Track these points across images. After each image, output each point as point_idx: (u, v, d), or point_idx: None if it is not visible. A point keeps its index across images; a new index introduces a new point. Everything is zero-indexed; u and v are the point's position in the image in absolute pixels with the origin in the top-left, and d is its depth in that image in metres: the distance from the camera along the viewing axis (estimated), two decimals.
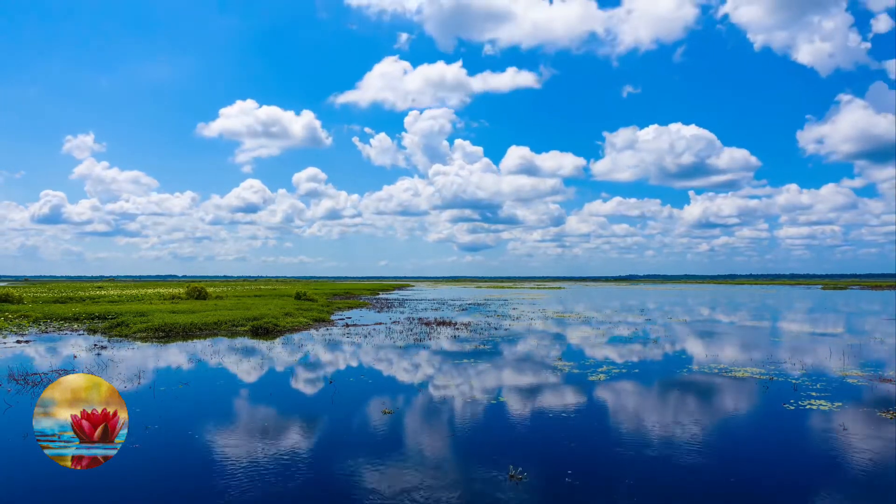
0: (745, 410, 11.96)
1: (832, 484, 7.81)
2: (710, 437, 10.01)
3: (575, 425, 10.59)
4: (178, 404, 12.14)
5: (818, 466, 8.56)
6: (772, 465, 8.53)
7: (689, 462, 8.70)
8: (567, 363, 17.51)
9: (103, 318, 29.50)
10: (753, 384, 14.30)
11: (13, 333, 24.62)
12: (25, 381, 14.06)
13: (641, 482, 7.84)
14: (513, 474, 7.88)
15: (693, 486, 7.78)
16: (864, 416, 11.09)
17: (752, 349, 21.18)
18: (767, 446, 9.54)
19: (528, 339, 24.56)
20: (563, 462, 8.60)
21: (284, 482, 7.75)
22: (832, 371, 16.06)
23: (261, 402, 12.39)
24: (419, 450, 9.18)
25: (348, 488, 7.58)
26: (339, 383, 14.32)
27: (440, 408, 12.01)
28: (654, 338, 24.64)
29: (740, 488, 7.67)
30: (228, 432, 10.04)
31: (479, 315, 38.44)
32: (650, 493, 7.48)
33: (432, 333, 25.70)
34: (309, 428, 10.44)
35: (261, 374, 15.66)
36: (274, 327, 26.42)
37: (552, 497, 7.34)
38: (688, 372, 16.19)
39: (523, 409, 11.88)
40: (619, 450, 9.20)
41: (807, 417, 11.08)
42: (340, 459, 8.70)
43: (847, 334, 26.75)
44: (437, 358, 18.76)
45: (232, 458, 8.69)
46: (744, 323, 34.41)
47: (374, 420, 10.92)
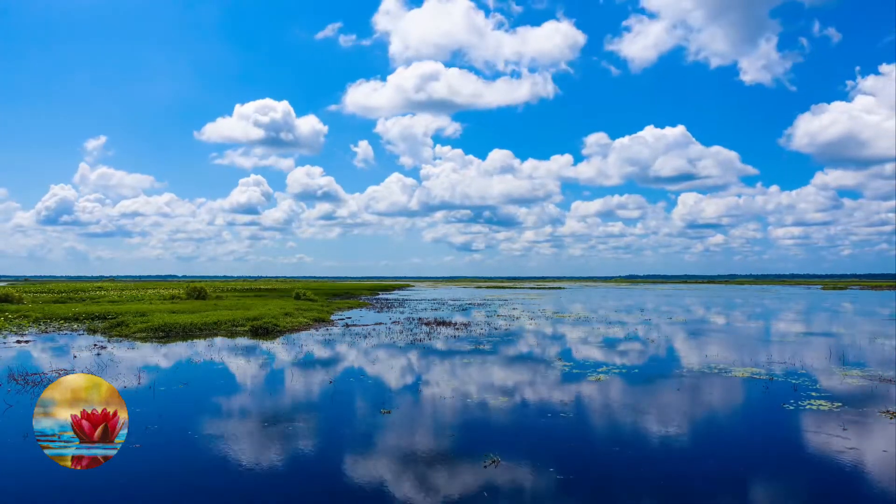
0: (745, 410, 11.96)
1: (832, 484, 7.81)
2: (710, 437, 10.02)
3: (575, 425, 10.59)
4: (178, 404, 12.14)
5: (818, 466, 8.56)
6: (771, 466, 8.53)
7: (688, 462, 8.71)
8: (566, 363, 17.52)
9: (103, 318, 29.50)
10: (753, 384, 14.30)
11: (13, 333, 24.61)
12: (25, 381, 14.06)
13: (641, 483, 7.85)
14: (494, 459, 7.88)
15: (693, 486, 7.78)
16: (865, 417, 11.09)
17: (752, 349, 21.19)
18: (767, 446, 9.54)
19: (527, 338, 24.57)
20: (564, 462, 8.60)
21: (284, 481, 7.75)
22: (832, 371, 16.06)
23: (260, 402, 12.39)
24: (418, 450, 9.18)
25: (348, 488, 7.58)
26: (339, 383, 14.32)
27: (439, 408, 12.01)
28: (652, 337, 24.64)
29: (740, 488, 7.68)
30: (228, 432, 10.04)
31: (479, 315, 38.43)
32: (649, 493, 7.49)
33: (432, 333, 25.70)
34: (308, 428, 10.44)
35: (260, 374, 15.66)
36: (274, 327, 26.41)
37: (552, 497, 7.35)
38: (687, 372, 16.19)
39: (523, 409, 11.88)
40: (618, 449, 9.19)
41: (807, 417, 11.08)
42: (340, 459, 8.70)
43: (847, 334, 26.75)
44: (437, 358, 18.76)
45: (232, 458, 8.69)
46: (743, 323, 34.41)
47: (373, 420, 10.92)
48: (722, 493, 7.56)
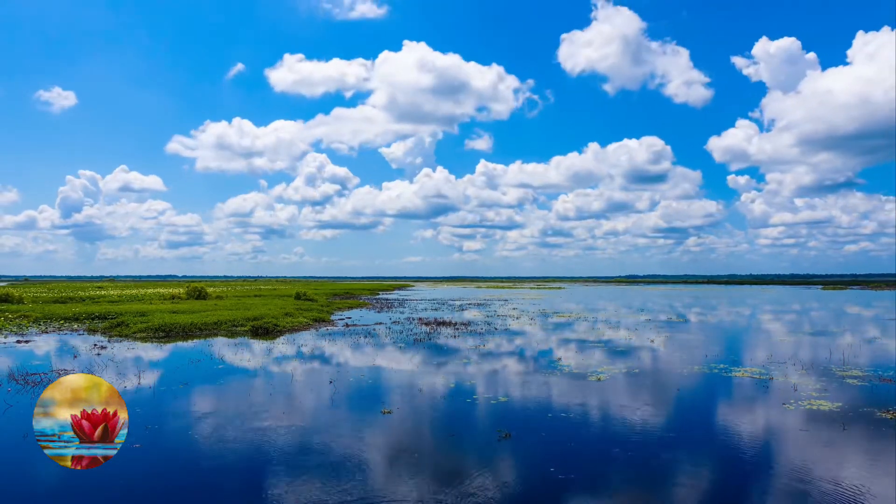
0: (745, 410, 11.95)
1: (832, 484, 7.80)
2: (709, 437, 10.02)
3: (575, 425, 10.59)
4: (178, 404, 12.14)
5: (818, 466, 8.55)
6: (771, 466, 8.53)
7: (687, 462, 8.71)
8: (567, 362, 17.52)
9: (103, 318, 29.51)
10: (753, 384, 14.30)
11: (13, 333, 24.62)
12: (25, 381, 14.06)
13: (640, 483, 7.84)
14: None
15: (692, 486, 7.78)
16: (865, 417, 11.08)
17: (752, 349, 21.19)
18: (767, 446, 9.53)
19: (527, 338, 24.57)
20: (564, 462, 8.60)
21: (284, 481, 7.75)
22: (832, 371, 16.05)
23: (260, 402, 12.38)
24: (417, 450, 9.19)
25: (348, 487, 7.57)
26: (339, 383, 14.32)
27: (439, 408, 12.02)
28: (653, 337, 24.63)
29: (740, 488, 7.68)
30: (228, 432, 10.04)
31: (479, 315, 38.43)
32: (649, 493, 7.49)
33: (432, 333, 25.70)
34: (308, 427, 10.43)
35: (260, 374, 15.66)
36: (274, 327, 26.42)
37: (552, 497, 7.35)
38: (687, 371, 16.18)
39: (523, 408, 11.87)
40: (617, 449, 9.18)
41: (807, 417, 11.07)
42: (339, 459, 8.69)
43: (847, 334, 26.74)
44: (437, 358, 18.76)
45: (232, 458, 8.69)
46: (743, 323, 34.42)
47: (373, 420, 10.92)
48: (722, 492, 7.56)
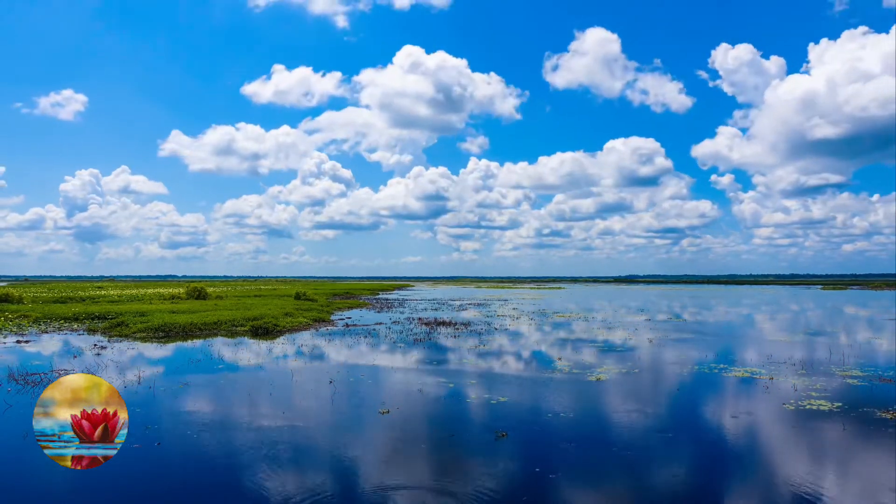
0: (744, 410, 11.94)
1: (832, 484, 7.81)
2: (708, 438, 10.02)
3: (573, 425, 10.59)
4: (178, 404, 12.13)
5: (818, 466, 8.56)
6: (771, 465, 8.53)
7: (687, 462, 8.71)
8: (567, 362, 17.51)
9: (103, 318, 29.51)
10: (752, 384, 14.30)
11: (13, 333, 24.62)
12: (25, 381, 14.06)
13: (639, 483, 7.85)
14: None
15: (692, 486, 7.78)
16: (865, 417, 11.08)
17: (752, 349, 21.19)
18: (766, 446, 9.54)
19: (526, 338, 24.57)
20: (560, 462, 8.60)
21: (285, 481, 7.75)
22: (832, 371, 16.05)
23: (260, 402, 12.39)
24: (414, 450, 9.19)
25: (347, 487, 7.58)
26: (339, 383, 14.32)
27: (437, 408, 12.02)
28: (653, 337, 24.63)
29: (738, 487, 7.68)
30: (228, 432, 10.04)
31: (479, 315, 38.44)
32: (647, 493, 7.49)
33: (432, 333, 25.70)
34: (308, 427, 10.44)
35: (260, 374, 15.66)
36: (274, 327, 26.42)
37: (552, 497, 7.35)
38: (686, 371, 16.18)
39: (521, 409, 11.87)
40: (615, 449, 9.19)
41: (806, 417, 11.07)
42: (339, 459, 8.70)
43: (847, 334, 26.75)
44: (436, 358, 18.76)
45: (232, 458, 8.69)
46: (742, 323, 34.42)
47: (372, 420, 10.92)
48: (722, 492, 7.56)
